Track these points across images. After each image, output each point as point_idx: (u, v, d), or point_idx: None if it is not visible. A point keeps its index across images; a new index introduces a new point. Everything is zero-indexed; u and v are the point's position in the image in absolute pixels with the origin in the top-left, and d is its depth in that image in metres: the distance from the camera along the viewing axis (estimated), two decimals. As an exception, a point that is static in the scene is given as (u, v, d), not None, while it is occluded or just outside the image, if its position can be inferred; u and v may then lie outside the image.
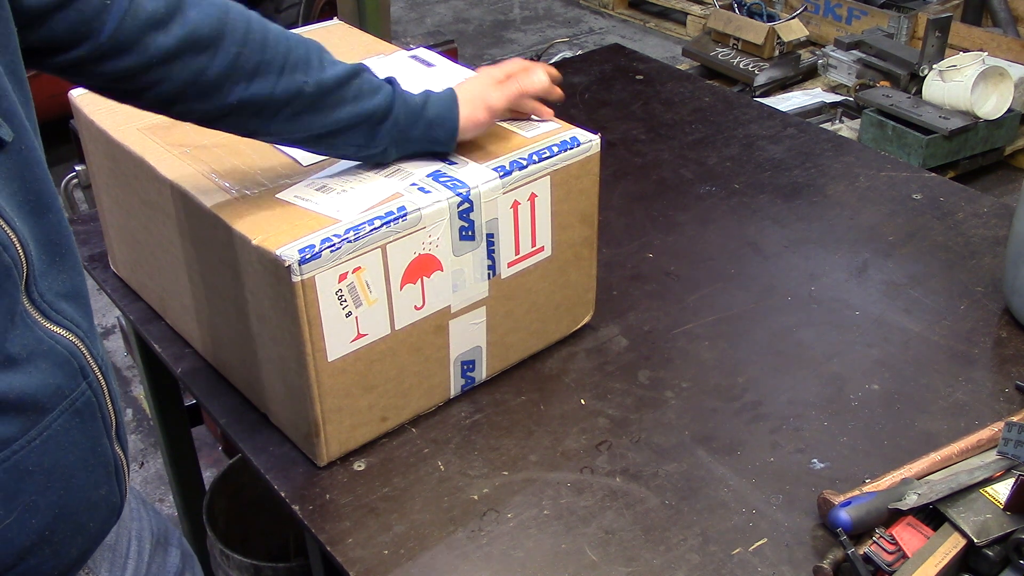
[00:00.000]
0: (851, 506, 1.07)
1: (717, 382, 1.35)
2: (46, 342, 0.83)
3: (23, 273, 0.81)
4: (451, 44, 3.49)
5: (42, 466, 0.83)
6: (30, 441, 0.82)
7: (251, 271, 1.13)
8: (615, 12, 5.53)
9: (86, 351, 0.88)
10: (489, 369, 1.33)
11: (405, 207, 1.13)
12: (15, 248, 0.79)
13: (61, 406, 0.85)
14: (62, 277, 0.87)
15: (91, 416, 0.89)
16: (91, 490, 0.90)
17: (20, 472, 0.81)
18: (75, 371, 0.86)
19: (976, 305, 1.48)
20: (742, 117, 2.05)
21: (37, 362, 0.82)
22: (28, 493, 0.83)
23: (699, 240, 1.66)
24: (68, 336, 0.86)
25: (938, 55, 3.60)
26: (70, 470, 0.87)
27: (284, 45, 1.09)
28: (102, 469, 0.91)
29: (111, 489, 0.93)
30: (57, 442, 0.84)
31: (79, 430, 0.87)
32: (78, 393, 0.87)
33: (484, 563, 1.09)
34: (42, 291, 0.84)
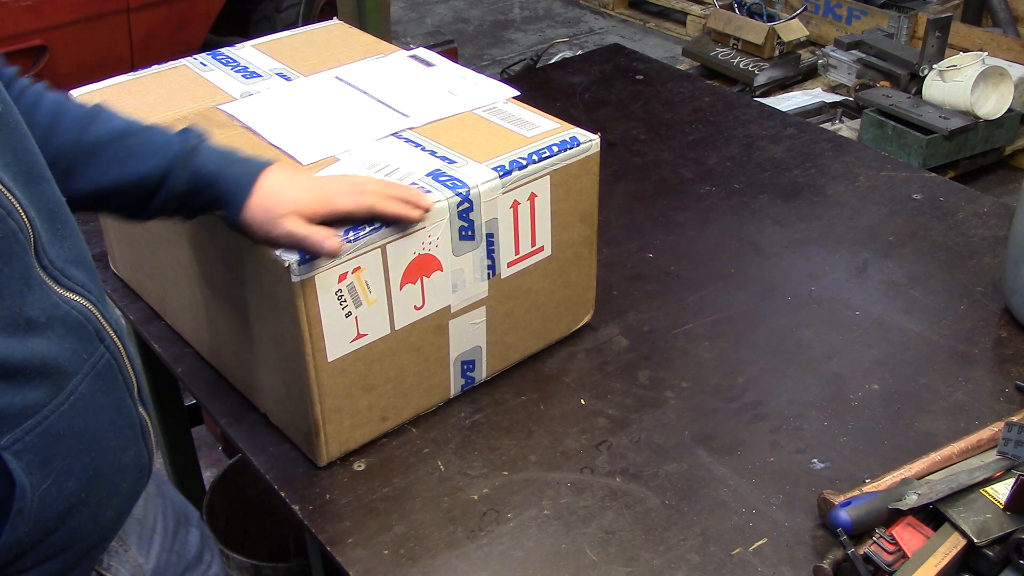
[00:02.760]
0: (851, 506, 1.07)
1: (717, 382, 1.35)
2: (62, 307, 0.85)
3: (31, 239, 0.82)
4: (451, 44, 3.49)
5: (72, 429, 0.85)
6: (59, 405, 0.83)
7: (251, 271, 1.13)
8: (615, 12, 5.53)
9: (99, 315, 0.89)
10: (489, 369, 1.33)
11: (405, 207, 1.13)
12: (19, 214, 0.81)
13: (83, 370, 0.86)
14: (67, 244, 0.88)
15: (112, 378, 0.90)
16: (121, 451, 0.92)
17: (52, 436, 0.83)
18: (91, 335, 0.88)
19: (976, 305, 1.48)
20: (742, 117, 2.05)
21: (55, 327, 0.84)
22: (62, 457, 0.84)
23: (699, 240, 1.66)
24: (81, 301, 0.87)
25: (938, 55, 3.60)
26: (99, 432, 0.88)
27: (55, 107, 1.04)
28: (129, 430, 0.93)
29: (139, 450, 0.95)
30: (84, 405, 0.86)
31: (103, 392, 0.89)
32: (97, 356, 0.88)
33: (484, 563, 1.09)
34: (52, 258, 0.85)
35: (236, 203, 1.05)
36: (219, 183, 1.05)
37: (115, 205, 1.08)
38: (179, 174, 1.04)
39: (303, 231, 1.04)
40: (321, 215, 1.06)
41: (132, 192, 1.05)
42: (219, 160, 1.07)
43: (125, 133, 1.05)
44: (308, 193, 1.07)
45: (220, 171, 1.06)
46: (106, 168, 1.03)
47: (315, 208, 1.06)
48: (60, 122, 1.03)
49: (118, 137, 1.04)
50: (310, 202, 1.06)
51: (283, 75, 1.44)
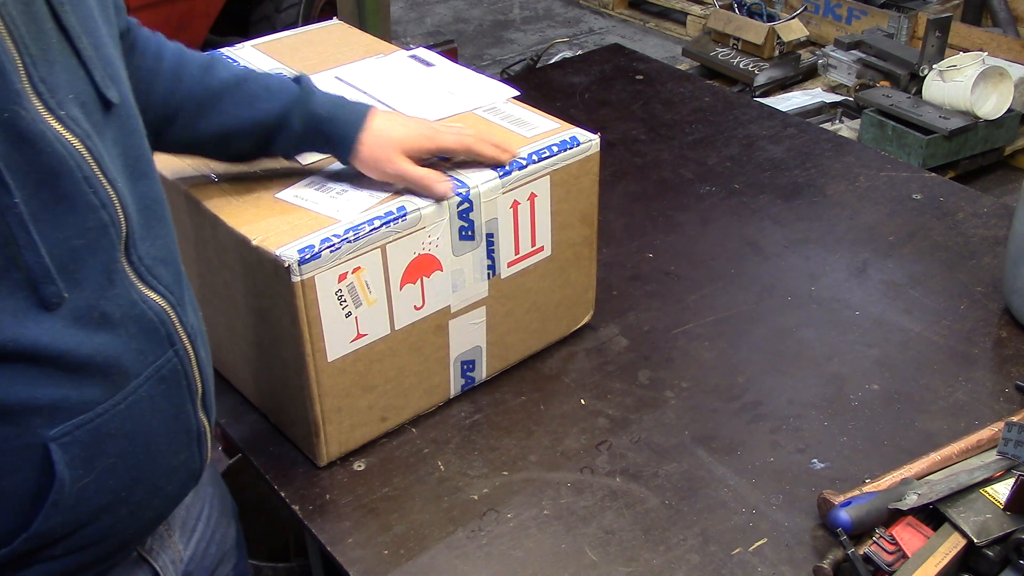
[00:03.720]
0: (851, 506, 1.07)
1: (717, 382, 1.35)
2: (139, 306, 0.84)
3: (122, 233, 0.82)
4: (451, 44, 3.49)
5: (124, 431, 0.84)
6: (115, 405, 0.82)
7: (251, 271, 1.13)
8: (615, 12, 5.53)
9: (176, 319, 0.88)
10: (489, 369, 1.33)
11: (405, 207, 1.13)
12: (115, 207, 0.80)
13: (146, 373, 0.85)
14: (159, 242, 0.88)
15: (176, 384, 0.89)
16: (171, 456, 0.91)
17: (102, 435, 0.82)
18: (163, 338, 0.87)
19: (976, 305, 1.48)
20: (742, 117, 2.05)
21: (128, 325, 0.83)
22: (108, 456, 0.83)
23: (699, 240, 1.66)
24: (160, 302, 0.87)
25: (938, 55, 3.60)
26: (151, 436, 0.87)
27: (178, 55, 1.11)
28: (184, 436, 0.92)
29: (191, 455, 0.94)
30: (140, 408, 0.85)
31: (163, 397, 0.88)
32: (164, 360, 0.87)
33: (484, 563, 1.09)
34: (141, 255, 0.85)
35: (347, 144, 1.13)
36: (331, 125, 1.13)
37: (238, 146, 1.14)
38: (296, 117, 1.12)
39: (415, 172, 1.13)
40: (427, 150, 1.16)
41: (254, 133, 1.12)
42: (331, 104, 1.14)
43: (245, 78, 1.12)
44: (414, 130, 1.15)
45: (332, 114, 1.13)
46: (231, 111, 1.10)
47: (421, 143, 1.15)
48: (185, 69, 1.09)
49: (239, 82, 1.11)
50: (417, 138, 1.14)
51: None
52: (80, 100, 0.78)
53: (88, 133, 0.78)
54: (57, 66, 0.76)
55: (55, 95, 0.75)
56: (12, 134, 0.71)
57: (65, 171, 0.75)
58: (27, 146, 0.72)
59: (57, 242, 0.75)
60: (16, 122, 0.71)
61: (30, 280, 0.74)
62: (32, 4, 0.75)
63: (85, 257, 0.78)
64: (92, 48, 0.80)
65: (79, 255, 0.77)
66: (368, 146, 1.13)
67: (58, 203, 0.75)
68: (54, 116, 0.75)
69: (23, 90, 0.72)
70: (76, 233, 0.77)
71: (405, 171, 1.13)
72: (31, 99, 0.73)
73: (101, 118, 0.81)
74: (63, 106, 0.75)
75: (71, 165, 0.75)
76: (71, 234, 0.76)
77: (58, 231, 0.75)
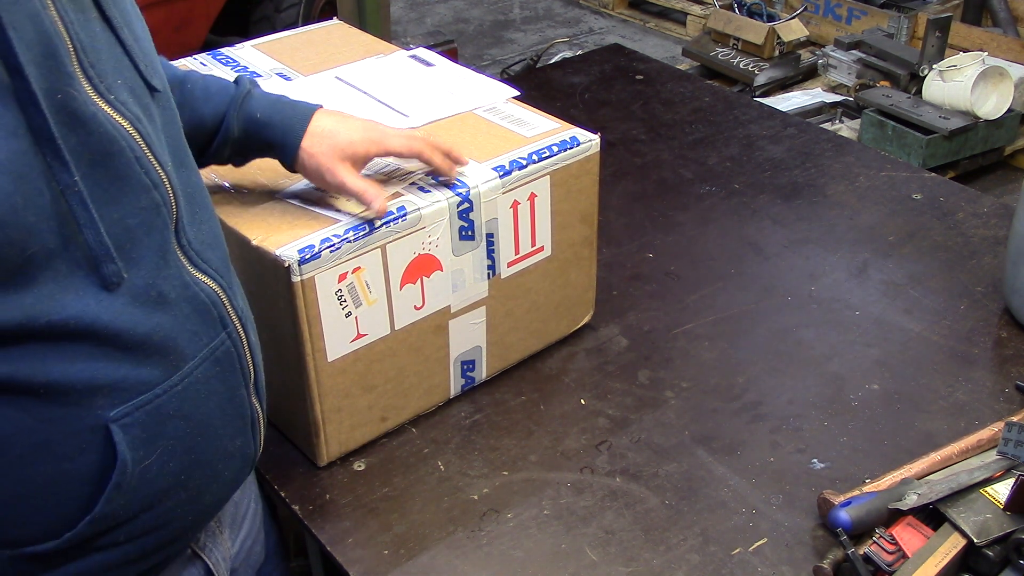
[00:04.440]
0: (851, 506, 1.07)
1: (717, 382, 1.35)
2: (191, 287, 0.85)
3: (173, 215, 0.83)
4: (451, 44, 3.49)
5: (182, 412, 0.85)
6: (173, 386, 0.83)
7: (251, 271, 1.13)
8: (615, 12, 5.53)
9: (227, 301, 0.89)
10: (489, 369, 1.33)
11: (405, 207, 1.13)
12: (166, 188, 0.81)
13: (202, 354, 0.86)
14: (204, 227, 0.89)
15: (230, 366, 0.90)
16: (227, 440, 0.91)
17: (161, 416, 0.83)
18: (215, 320, 0.87)
19: (976, 305, 1.48)
20: (742, 117, 2.05)
21: (182, 306, 0.84)
22: (168, 437, 0.84)
23: (699, 240, 1.66)
24: (211, 284, 0.87)
25: (938, 55, 3.60)
26: (208, 418, 0.88)
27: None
28: (239, 420, 0.93)
29: (246, 440, 0.95)
30: (196, 390, 0.86)
31: (218, 379, 0.88)
32: (218, 342, 0.88)
33: (484, 563, 1.09)
34: (190, 238, 0.85)
35: (289, 148, 1.09)
36: (270, 128, 1.09)
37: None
38: (233, 119, 1.08)
39: (355, 185, 1.09)
40: (374, 154, 1.12)
41: (191, 137, 1.08)
42: (270, 105, 1.10)
43: (184, 80, 1.09)
44: (361, 133, 1.11)
45: (270, 116, 1.09)
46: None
47: (368, 148, 1.11)
48: None
49: (177, 84, 1.09)
50: (363, 142, 1.10)
51: (283, 75, 1.43)
52: (128, 85, 0.79)
53: (138, 116, 0.79)
54: (103, 53, 0.77)
55: (104, 80, 0.76)
56: (66, 115, 0.72)
57: (117, 151, 0.76)
58: (80, 127, 0.73)
59: (114, 222, 0.76)
60: (70, 103, 0.73)
61: (90, 259, 0.75)
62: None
63: (141, 236, 0.79)
64: (132, 39, 0.82)
65: (135, 234, 0.78)
66: (310, 154, 1.09)
67: (112, 183, 0.76)
68: (104, 99, 0.76)
69: (74, 73, 0.73)
70: (131, 212, 0.78)
71: (345, 182, 1.09)
72: (82, 82, 0.74)
73: (149, 103, 0.82)
74: (112, 90, 0.77)
75: (123, 146, 0.77)
76: (126, 213, 0.77)
77: (114, 210, 0.76)
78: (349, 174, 1.10)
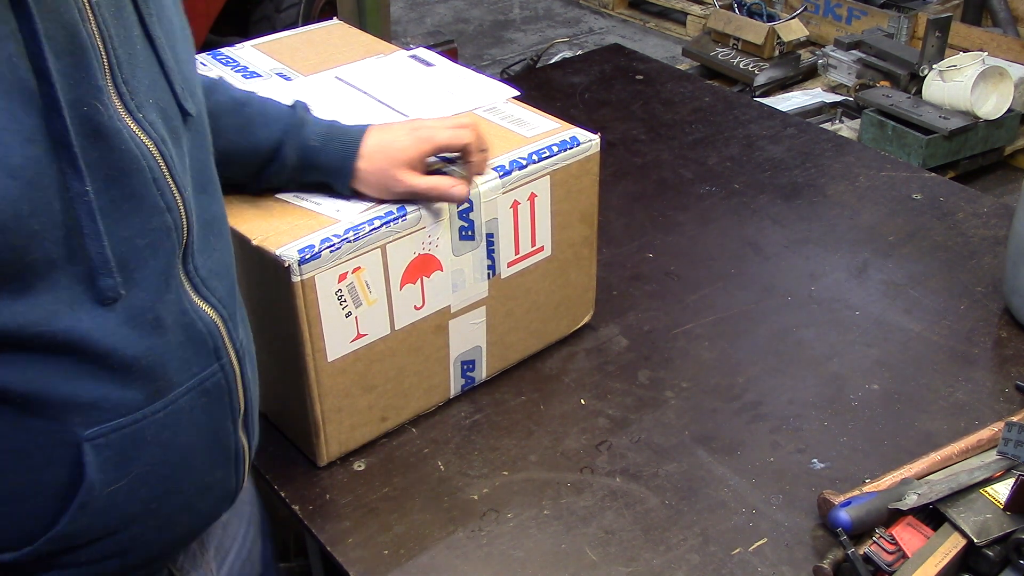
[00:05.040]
0: (851, 506, 1.07)
1: (717, 382, 1.35)
2: (189, 315, 0.84)
3: (183, 240, 0.82)
4: (451, 44, 3.48)
5: (160, 439, 0.83)
6: (154, 412, 0.82)
7: (251, 271, 1.13)
8: (615, 12, 5.53)
9: (225, 333, 0.88)
10: (489, 369, 1.33)
11: (405, 207, 1.13)
12: (179, 213, 0.81)
13: (189, 383, 0.85)
14: (215, 256, 0.88)
15: (218, 399, 0.88)
16: (206, 472, 0.90)
17: (138, 441, 0.81)
18: (210, 351, 0.86)
19: (976, 305, 1.48)
20: (742, 117, 2.05)
21: (177, 332, 0.83)
22: (142, 463, 0.83)
23: (699, 240, 1.66)
24: (211, 314, 0.86)
25: (938, 55, 3.60)
26: (188, 449, 0.87)
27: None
28: (221, 454, 0.91)
29: (227, 474, 0.93)
30: (179, 419, 0.84)
31: (204, 411, 0.87)
32: (208, 373, 0.86)
33: (484, 563, 1.09)
34: (197, 265, 0.85)
35: (345, 172, 1.11)
36: (325, 154, 1.11)
37: (230, 172, 1.11)
38: (289, 147, 1.10)
39: (425, 184, 1.11)
40: (427, 152, 1.13)
41: (247, 160, 1.11)
42: (323, 132, 1.12)
43: (243, 103, 1.11)
44: (409, 138, 1.12)
45: (325, 143, 1.11)
46: (224, 134, 1.08)
47: (420, 148, 1.12)
48: None
49: (237, 106, 1.10)
50: (415, 144, 1.12)
51: (283, 75, 1.43)
52: (160, 106, 0.79)
53: (163, 138, 0.78)
54: (140, 70, 0.77)
55: (135, 97, 0.76)
56: (89, 128, 0.72)
57: (136, 170, 0.76)
58: (102, 141, 0.73)
59: (121, 239, 0.76)
60: (95, 116, 0.72)
61: (90, 273, 0.75)
62: (123, 10, 0.76)
63: (147, 258, 0.78)
64: (173, 60, 0.81)
65: (141, 255, 0.78)
66: (370, 172, 1.11)
67: (126, 200, 0.76)
68: (132, 117, 0.76)
69: (105, 87, 0.73)
70: (140, 232, 0.77)
71: (415, 185, 1.12)
72: (112, 97, 0.74)
73: (179, 126, 0.82)
74: (141, 109, 0.77)
75: (142, 165, 0.76)
76: (135, 232, 0.77)
77: (123, 228, 0.76)
78: (413, 177, 1.12)
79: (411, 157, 1.12)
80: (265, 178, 1.13)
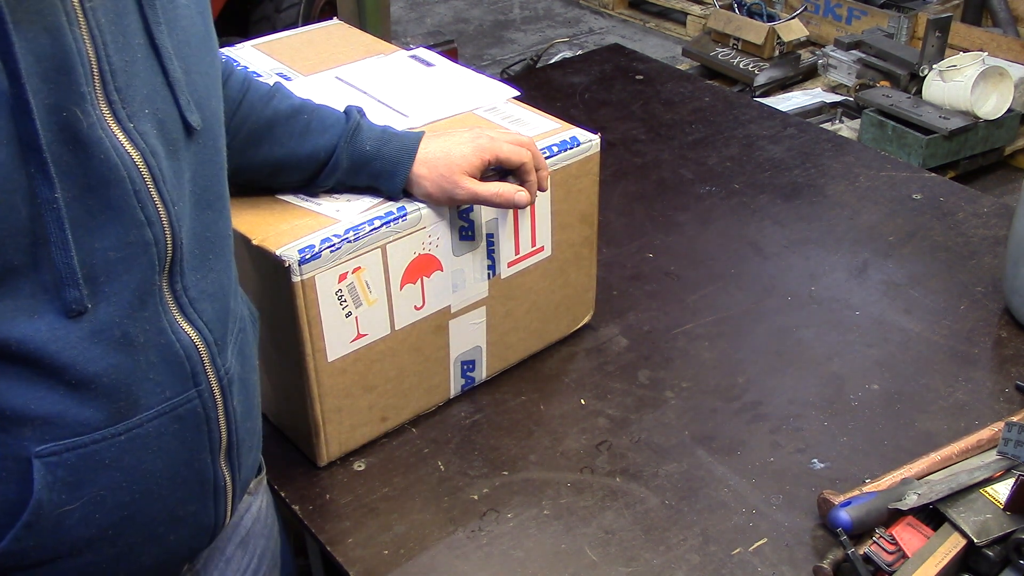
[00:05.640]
0: (851, 506, 1.07)
1: (717, 382, 1.35)
2: (167, 335, 0.80)
3: (166, 257, 0.79)
4: (451, 44, 3.48)
5: (121, 463, 0.79)
6: (115, 434, 0.78)
7: (251, 271, 1.13)
8: (615, 12, 5.53)
9: (207, 358, 0.84)
10: (489, 369, 1.33)
11: (405, 207, 1.13)
12: (162, 228, 0.78)
13: (160, 408, 0.81)
14: (211, 276, 0.85)
15: (194, 428, 0.84)
16: (176, 504, 0.85)
17: (95, 463, 0.78)
18: (186, 375, 0.82)
19: (976, 305, 1.48)
20: (742, 117, 2.05)
21: (149, 352, 0.79)
22: (98, 486, 0.79)
23: (699, 240, 1.66)
24: (194, 337, 0.82)
25: (938, 55, 3.60)
26: (154, 477, 0.82)
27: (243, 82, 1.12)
28: (196, 486, 0.86)
29: (204, 508, 0.88)
30: (145, 444, 0.80)
31: (176, 438, 0.83)
32: (183, 399, 0.82)
33: (484, 563, 1.09)
34: (187, 284, 0.82)
35: (398, 177, 1.13)
36: (379, 160, 1.13)
37: (286, 177, 1.14)
38: (343, 152, 1.12)
39: (488, 191, 1.13)
40: (488, 161, 1.14)
41: (303, 166, 1.13)
42: (377, 138, 1.14)
43: (300, 110, 1.13)
44: (471, 146, 1.14)
45: (379, 148, 1.13)
46: (282, 141, 1.11)
47: (482, 157, 1.14)
48: (247, 97, 1.11)
49: (294, 113, 1.12)
50: (475, 152, 1.13)
51: (283, 75, 1.43)
52: (158, 117, 0.77)
53: (154, 150, 0.76)
54: (138, 80, 0.75)
55: (128, 107, 0.74)
56: (68, 135, 0.70)
57: (115, 180, 0.74)
58: (81, 149, 0.71)
59: (92, 250, 0.73)
60: (74, 123, 0.71)
61: (56, 283, 0.72)
62: (124, 17, 0.74)
63: (119, 272, 0.76)
64: (183, 71, 0.79)
65: (113, 268, 0.75)
66: (430, 180, 1.12)
67: (102, 211, 0.73)
68: (120, 127, 0.74)
69: (89, 94, 0.71)
70: (114, 245, 0.75)
71: (479, 191, 1.13)
72: (99, 105, 0.72)
73: (179, 139, 0.79)
74: (133, 119, 0.75)
75: (123, 176, 0.74)
76: (109, 245, 0.74)
77: (96, 239, 0.74)
78: (477, 184, 1.13)
79: (472, 164, 1.13)
80: (318, 183, 1.14)
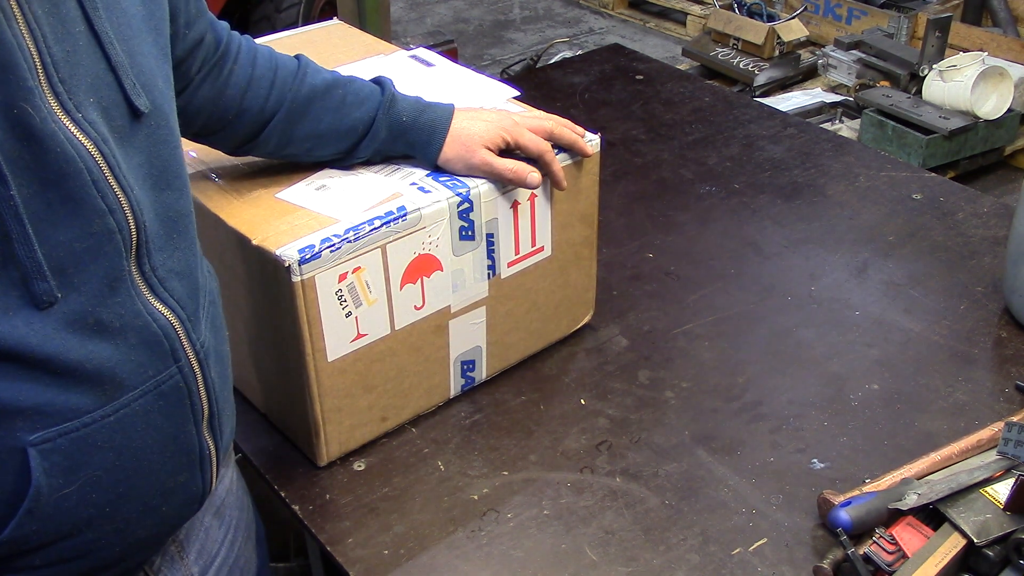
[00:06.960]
0: (851, 506, 1.07)
1: (717, 382, 1.35)
2: (143, 317, 0.82)
3: (131, 241, 0.80)
4: (451, 44, 3.48)
5: (112, 443, 0.82)
6: (104, 416, 0.80)
7: (251, 271, 1.13)
8: (615, 12, 5.53)
9: (183, 334, 0.86)
10: (489, 369, 1.33)
11: (405, 207, 1.13)
12: (124, 215, 0.79)
13: (144, 387, 0.83)
14: (177, 255, 0.86)
15: (178, 401, 0.87)
16: (167, 476, 0.88)
17: (88, 446, 0.80)
18: (165, 352, 0.85)
19: (976, 305, 1.48)
20: (742, 117, 2.05)
21: (127, 335, 0.81)
22: (93, 468, 0.81)
23: (699, 240, 1.66)
24: (168, 315, 0.85)
25: (938, 55, 3.60)
26: (144, 452, 0.85)
27: (271, 60, 1.13)
28: (184, 456, 0.90)
29: (192, 477, 0.91)
30: (133, 422, 0.83)
31: (161, 414, 0.85)
32: (165, 376, 0.85)
33: (484, 563, 1.09)
34: (155, 265, 0.83)
35: (434, 146, 1.17)
36: (415, 130, 1.17)
37: (325, 150, 1.17)
38: (382, 124, 1.15)
39: (504, 165, 1.17)
40: (510, 140, 1.19)
41: (344, 138, 1.16)
42: (412, 108, 1.17)
43: (335, 84, 1.15)
44: (494, 124, 1.18)
45: (415, 119, 1.17)
46: (321, 116, 1.14)
47: (503, 135, 1.18)
48: (278, 75, 1.13)
49: (329, 88, 1.14)
50: (499, 130, 1.18)
51: (283, 75, 1.43)
52: (103, 105, 0.77)
53: (105, 138, 0.77)
54: (81, 68, 0.75)
55: (74, 97, 0.74)
56: (20, 131, 0.71)
57: (73, 172, 0.74)
58: (35, 144, 0.72)
59: (57, 243, 0.74)
60: (26, 119, 0.71)
61: (24, 278, 0.73)
62: (61, 6, 0.74)
63: (86, 262, 0.77)
64: (126, 55, 0.79)
65: (80, 259, 0.76)
66: (455, 150, 1.16)
67: (63, 204, 0.74)
68: (70, 117, 0.74)
69: (37, 88, 0.72)
70: (79, 236, 0.76)
71: (494, 164, 1.16)
72: (47, 98, 0.72)
73: (126, 124, 0.80)
74: (80, 108, 0.75)
75: (80, 167, 0.75)
76: (73, 236, 0.75)
77: (59, 232, 0.74)
78: (495, 157, 1.17)
79: (493, 141, 1.17)
80: (357, 154, 1.18)
